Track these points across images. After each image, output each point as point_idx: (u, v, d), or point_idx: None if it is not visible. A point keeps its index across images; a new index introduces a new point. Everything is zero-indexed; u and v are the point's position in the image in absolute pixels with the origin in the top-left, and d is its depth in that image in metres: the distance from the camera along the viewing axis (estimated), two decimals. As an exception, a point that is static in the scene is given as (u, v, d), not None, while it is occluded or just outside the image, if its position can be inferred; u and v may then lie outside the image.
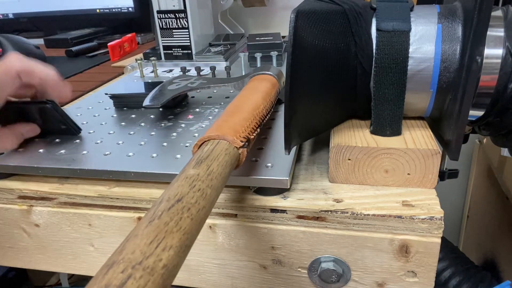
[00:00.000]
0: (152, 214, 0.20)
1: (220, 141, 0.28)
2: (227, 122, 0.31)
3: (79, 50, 0.99)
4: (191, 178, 0.23)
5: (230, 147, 0.28)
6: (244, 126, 0.31)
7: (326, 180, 0.36)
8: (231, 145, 0.28)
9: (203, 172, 0.24)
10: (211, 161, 0.25)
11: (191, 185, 0.22)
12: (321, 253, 0.33)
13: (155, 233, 0.19)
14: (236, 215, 0.34)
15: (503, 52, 0.32)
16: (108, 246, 0.38)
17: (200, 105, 0.50)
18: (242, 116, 0.32)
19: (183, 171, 0.24)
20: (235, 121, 0.31)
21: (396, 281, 0.33)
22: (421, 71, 0.33)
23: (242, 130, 0.30)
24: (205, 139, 0.29)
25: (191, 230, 0.20)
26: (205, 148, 0.27)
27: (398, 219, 0.31)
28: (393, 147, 0.32)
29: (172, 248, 0.18)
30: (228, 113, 0.33)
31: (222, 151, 0.27)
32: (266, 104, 0.37)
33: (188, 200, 0.21)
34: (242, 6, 0.92)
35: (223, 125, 0.30)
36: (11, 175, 0.40)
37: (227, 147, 0.28)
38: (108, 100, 0.53)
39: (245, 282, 0.37)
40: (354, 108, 0.37)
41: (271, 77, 0.44)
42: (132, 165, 0.36)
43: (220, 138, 0.28)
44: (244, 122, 0.31)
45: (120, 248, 0.18)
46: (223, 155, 0.26)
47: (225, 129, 0.29)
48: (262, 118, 0.35)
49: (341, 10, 0.34)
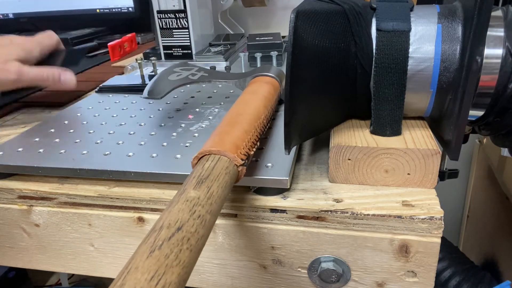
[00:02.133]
0: (153, 242, 0.20)
1: (221, 157, 0.27)
2: (229, 135, 0.30)
3: (79, 50, 0.98)
4: (192, 202, 0.23)
5: (231, 165, 0.27)
6: (246, 140, 0.30)
7: (326, 180, 0.36)
8: (232, 163, 0.28)
9: (204, 195, 0.24)
10: (212, 181, 0.25)
11: (191, 210, 0.22)
12: (321, 253, 0.33)
13: (156, 267, 0.19)
14: (236, 215, 0.34)
15: (503, 52, 0.32)
16: (108, 246, 0.39)
17: (200, 105, 0.50)
18: (244, 128, 0.31)
19: (184, 190, 0.24)
20: (236, 134, 0.30)
21: (396, 281, 0.33)
22: (421, 71, 0.33)
23: (243, 146, 0.29)
24: (205, 152, 0.28)
25: (190, 262, 0.20)
26: (206, 165, 0.26)
27: (398, 219, 0.31)
28: (393, 147, 0.32)
29: (171, 285, 0.19)
30: (229, 122, 0.32)
31: (223, 170, 0.26)
32: (268, 113, 0.37)
33: (188, 229, 0.21)
34: (242, 6, 0.92)
35: (224, 138, 0.29)
36: (11, 175, 0.40)
37: (228, 165, 0.27)
38: (108, 100, 0.53)
39: (245, 282, 0.37)
40: (354, 108, 0.37)
41: (273, 79, 0.44)
42: (132, 165, 0.36)
43: (221, 154, 0.28)
44: (245, 135, 0.31)
45: (120, 282, 0.18)
46: (223, 175, 0.26)
47: (227, 143, 0.29)
48: (263, 129, 0.35)
49: (341, 10, 0.34)
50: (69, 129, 0.45)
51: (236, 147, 0.29)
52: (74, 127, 0.46)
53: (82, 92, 0.65)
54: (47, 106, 0.60)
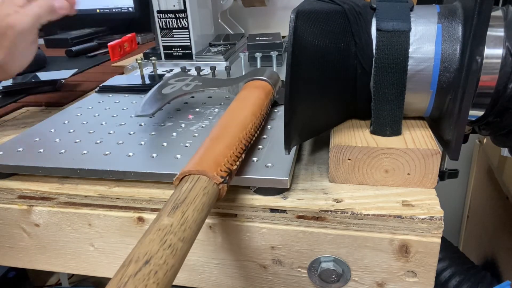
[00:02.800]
0: (119, 280, 0.20)
1: (200, 177, 0.27)
2: (210, 152, 0.30)
3: (79, 50, 0.98)
4: (164, 230, 0.23)
5: (210, 184, 0.27)
6: (228, 155, 0.30)
7: (326, 180, 0.36)
8: (211, 182, 0.27)
9: (177, 221, 0.23)
10: (187, 205, 0.25)
11: (162, 240, 0.22)
12: (321, 253, 0.33)
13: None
14: (236, 215, 0.34)
15: (503, 52, 0.32)
16: (108, 246, 0.39)
17: (200, 105, 0.50)
18: (226, 143, 0.31)
19: (159, 218, 0.24)
20: (218, 150, 0.30)
21: (396, 281, 0.33)
22: (421, 71, 0.33)
23: (224, 162, 0.29)
24: (185, 173, 0.28)
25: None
26: (184, 187, 0.26)
27: (398, 219, 0.31)
28: (393, 147, 0.32)
29: None
30: (212, 137, 0.32)
31: (201, 191, 0.26)
32: (256, 120, 0.37)
33: (156, 262, 0.21)
34: (242, 6, 0.92)
35: (205, 156, 0.29)
36: (11, 175, 0.40)
37: (206, 184, 0.27)
38: (108, 100, 0.53)
39: (245, 282, 0.37)
40: (354, 108, 0.37)
41: (266, 83, 0.44)
42: (132, 165, 0.36)
43: (200, 173, 0.28)
44: (227, 150, 0.31)
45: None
46: (201, 196, 0.26)
47: (207, 162, 0.29)
48: (251, 138, 0.35)
49: (341, 10, 0.34)
50: (69, 129, 0.45)
51: (217, 165, 0.29)
52: (74, 127, 0.46)
53: (82, 92, 0.65)
54: (47, 106, 0.60)
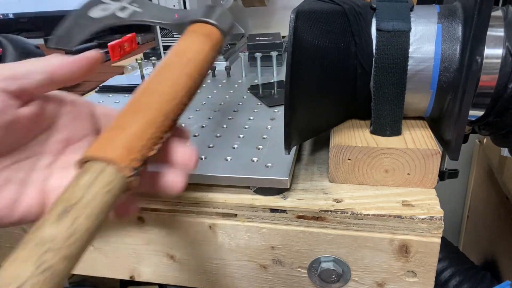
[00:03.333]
0: None
1: (106, 168, 0.21)
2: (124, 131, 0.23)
3: (79, 50, 0.98)
4: (43, 247, 0.18)
5: (116, 178, 0.21)
6: (146, 137, 0.23)
7: (326, 180, 0.36)
8: (119, 174, 0.21)
9: (64, 232, 0.18)
10: (82, 209, 0.19)
11: (38, 260, 0.18)
12: (321, 253, 0.33)
13: None
14: (236, 215, 0.34)
15: (503, 52, 0.32)
16: (108, 245, 0.38)
17: (200, 105, 0.50)
18: (147, 119, 0.23)
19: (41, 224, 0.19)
20: (134, 130, 0.23)
21: (396, 281, 0.33)
22: (421, 71, 0.33)
23: (140, 147, 0.22)
24: (87, 158, 0.21)
25: None
26: (82, 181, 0.20)
27: (398, 219, 0.31)
28: (393, 147, 0.32)
29: None
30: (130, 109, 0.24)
31: (102, 189, 0.20)
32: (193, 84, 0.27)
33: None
34: (242, 6, 0.92)
35: (116, 137, 0.22)
36: (11, 175, 0.40)
37: (112, 178, 0.21)
38: (108, 100, 0.53)
39: (245, 282, 0.37)
40: (354, 108, 0.37)
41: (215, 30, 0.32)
42: (132, 165, 0.36)
43: (107, 161, 0.21)
44: (147, 130, 0.23)
45: None
46: (102, 195, 0.20)
47: (116, 146, 0.22)
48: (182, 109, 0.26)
49: (341, 10, 0.34)
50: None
51: (129, 151, 0.22)
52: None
53: (81, 92, 0.65)
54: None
